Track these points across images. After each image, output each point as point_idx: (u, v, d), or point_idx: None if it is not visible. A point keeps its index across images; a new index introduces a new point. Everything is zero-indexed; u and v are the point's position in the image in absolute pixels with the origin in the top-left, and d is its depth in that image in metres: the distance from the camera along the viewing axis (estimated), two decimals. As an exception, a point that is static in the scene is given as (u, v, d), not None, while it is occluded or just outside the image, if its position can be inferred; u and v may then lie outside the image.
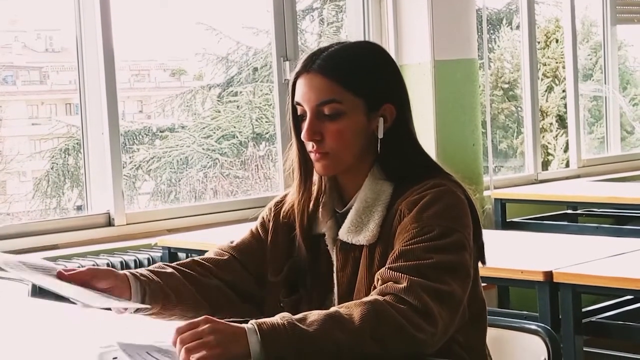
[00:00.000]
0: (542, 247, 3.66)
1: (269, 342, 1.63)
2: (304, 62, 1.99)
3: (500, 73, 6.59)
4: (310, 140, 1.97)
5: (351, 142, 1.97)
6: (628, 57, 7.59)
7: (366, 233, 1.94)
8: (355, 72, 1.97)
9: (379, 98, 1.98)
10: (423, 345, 1.74)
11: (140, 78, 5.36)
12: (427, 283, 1.77)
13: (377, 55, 2.04)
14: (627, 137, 7.31)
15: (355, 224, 1.96)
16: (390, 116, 1.99)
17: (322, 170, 2.00)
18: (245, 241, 2.15)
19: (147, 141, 4.93)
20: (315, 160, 1.99)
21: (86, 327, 2.34)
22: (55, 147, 4.63)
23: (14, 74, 4.83)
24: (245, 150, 5.10)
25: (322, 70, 1.96)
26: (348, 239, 1.97)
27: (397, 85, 2.03)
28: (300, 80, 1.99)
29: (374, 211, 1.96)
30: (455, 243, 1.86)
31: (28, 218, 4.41)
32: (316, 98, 1.95)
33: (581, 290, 3.10)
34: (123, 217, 4.31)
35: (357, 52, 2.01)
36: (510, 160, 6.51)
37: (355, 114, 1.96)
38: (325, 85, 1.95)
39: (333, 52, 1.99)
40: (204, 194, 4.95)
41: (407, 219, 1.89)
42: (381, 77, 2.01)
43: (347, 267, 1.97)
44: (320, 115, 1.96)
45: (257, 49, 5.23)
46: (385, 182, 1.98)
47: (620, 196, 5.14)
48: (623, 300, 3.45)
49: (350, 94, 1.95)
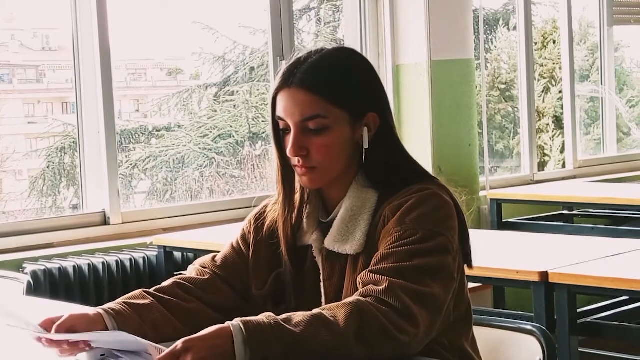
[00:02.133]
0: (537, 248, 3.66)
1: (255, 341, 1.63)
2: (283, 76, 1.95)
3: (497, 74, 6.59)
4: (297, 156, 1.94)
5: (338, 154, 1.95)
6: (625, 58, 7.60)
7: (353, 242, 1.93)
8: (338, 85, 1.94)
9: (362, 108, 1.96)
10: (406, 347, 1.74)
11: (136, 77, 5.35)
12: (407, 284, 1.77)
13: (357, 64, 2.00)
14: (623, 138, 7.32)
15: (341, 232, 1.94)
16: (374, 125, 1.97)
17: (309, 184, 1.97)
18: (227, 256, 2.10)
19: (143, 140, 4.93)
20: (301, 174, 1.96)
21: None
22: (52, 146, 4.63)
23: (10, 72, 4.83)
24: (242, 150, 5.10)
25: (303, 85, 1.92)
26: (335, 248, 1.95)
27: (378, 94, 2.01)
28: (281, 94, 1.94)
29: (359, 220, 1.94)
30: (437, 246, 1.84)
31: (24, 217, 4.40)
32: (300, 113, 1.92)
33: (576, 290, 3.10)
34: (119, 215, 4.31)
35: (338, 62, 1.97)
36: (507, 161, 6.51)
37: (340, 127, 1.93)
38: (308, 100, 1.91)
39: (312, 64, 1.94)
40: (200, 193, 4.95)
41: (390, 223, 1.88)
42: (363, 87, 1.98)
43: (334, 276, 1.95)
44: (305, 131, 1.92)
45: (254, 48, 5.23)
46: (370, 189, 1.97)
47: (616, 197, 5.15)
48: (618, 300, 3.44)
49: (334, 107, 1.92)
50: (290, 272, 2.01)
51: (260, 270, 2.05)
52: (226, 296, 2.04)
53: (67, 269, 3.84)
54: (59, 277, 3.81)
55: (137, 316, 1.90)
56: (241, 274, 2.07)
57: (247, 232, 2.11)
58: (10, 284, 3.09)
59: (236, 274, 2.07)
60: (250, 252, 2.08)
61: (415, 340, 1.75)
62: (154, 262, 4.08)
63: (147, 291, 2.00)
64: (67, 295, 3.73)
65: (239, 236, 2.12)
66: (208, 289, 2.03)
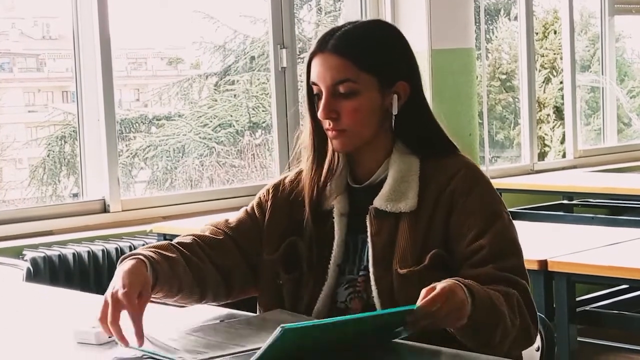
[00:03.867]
0: (537, 237, 3.66)
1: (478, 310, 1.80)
2: (318, 42, 2.04)
3: (497, 64, 6.59)
4: (327, 119, 2.02)
5: (366, 119, 2.02)
6: (626, 48, 7.59)
7: (407, 201, 2.00)
8: (369, 51, 2.02)
9: (392, 76, 2.03)
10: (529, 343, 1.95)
11: (137, 66, 5.35)
12: (526, 285, 1.95)
13: (390, 33, 2.09)
14: (624, 129, 7.31)
15: (395, 192, 2.01)
16: (404, 93, 2.04)
17: (340, 147, 2.04)
18: (240, 220, 2.15)
19: (143, 129, 4.93)
20: (332, 137, 2.04)
21: (80, 310, 2.34)
22: (52, 135, 4.63)
23: (10, 61, 4.83)
24: (242, 139, 5.10)
25: (336, 50, 2.00)
26: (386, 207, 2.01)
27: (410, 63, 2.08)
28: (315, 60, 2.03)
29: (410, 181, 2.02)
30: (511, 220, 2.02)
31: (24, 205, 4.40)
32: (331, 77, 2.00)
33: (576, 279, 3.10)
34: (118, 203, 4.31)
35: (370, 31, 2.07)
36: (507, 151, 6.51)
37: (369, 92, 2.01)
38: (339, 65, 2.00)
39: (346, 32, 2.03)
40: (200, 182, 4.95)
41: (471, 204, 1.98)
42: (394, 55, 2.05)
43: (383, 234, 2.01)
44: (336, 94, 2.00)
45: (254, 37, 5.22)
46: (412, 155, 2.05)
47: (616, 187, 5.15)
48: (618, 289, 3.45)
49: (364, 73, 2.00)
50: (310, 236, 2.07)
51: (274, 236, 2.10)
52: (233, 259, 2.10)
53: (67, 256, 3.84)
54: (58, 264, 3.81)
55: (169, 269, 1.97)
56: (252, 239, 2.12)
57: (263, 200, 2.16)
58: (10, 271, 3.10)
59: (247, 237, 2.12)
60: (265, 217, 2.13)
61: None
62: (154, 250, 4.07)
63: (173, 244, 2.06)
64: (66, 282, 3.73)
65: (254, 203, 2.17)
66: (220, 250, 2.09)
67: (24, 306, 2.48)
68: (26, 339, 2.05)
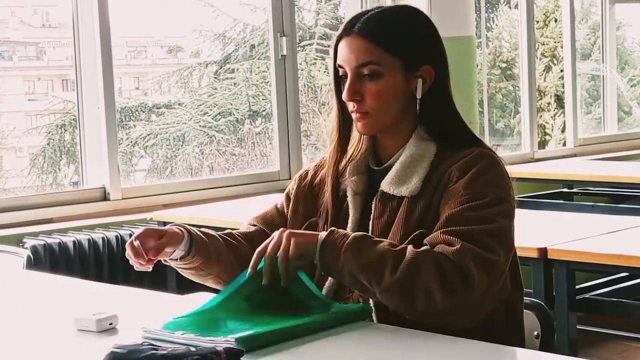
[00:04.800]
0: (537, 225, 3.66)
1: (329, 248, 1.88)
2: (345, 25, 2.07)
3: (498, 52, 6.58)
4: (351, 100, 2.04)
5: (390, 102, 2.03)
6: (627, 37, 7.58)
7: (409, 185, 2.01)
8: (394, 34, 2.03)
9: (417, 60, 2.04)
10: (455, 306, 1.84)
11: (136, 54, 5.34)
12: (477, 250, 1.86)
13: (417, 18, 2.10)
14: (624, 117, 7.31)
15: (399, 176, 2.03)
16: (429, 78, 2.05)
17: (363, 129, 2.07)
18: (270, 212, 2.23)
19: (143, 117, 4.92)
20: (356, 119, 2.06)
21: (81, 297, 2.35)
22: (52, 123, 4.63)
23: (10, 49, 4.82)
24: (242, 128, 5.10)
25: (361, 33, 2.03)
26: (390, 190, 2.03)
27: (436, 48, 2.09)
28: (341, 43, 2.06)
29: (418, 167, 2.02)
30: (505, 211, 1.95)
31: (24, 194, 4.40)
32: (356, 59, 2.03)
33: (575, 267, 3.10)
34: (118, 191, 4.31)
35: (397, 15, 2.08)
36: (507, 140, 6.51)
37: (393, 75, 2.03)
38: (364, 47, 2.02)
39: (373, 15, 2.06)
40: (200, 171, 4.95)
41: (459, 184, 1.95)
42: (420, 39, 2.06)
43: (384, 216, 2.03)
44: (360, 76, 2.03)
45: (255, 25, 5.21)
46: (430, 142, 2.05)
47: (616, 175, 5.14)
48: (617, 277, 3.45)
49: (388, 56, 2.02)
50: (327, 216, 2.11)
51: (297, 219, 2.17)
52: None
53: (67, 244, 3.84)
54: (58, 251, 3.81)
55: (205, 238, 2.08)
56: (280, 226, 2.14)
57: (290, 190, 2.23)
58: (10, 259, 3.10)
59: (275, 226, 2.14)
60: (290, 207, 2.20)
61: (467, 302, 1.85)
62: (154, 238, 4.07)
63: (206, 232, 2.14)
64: (67, 270, 3.73)
65: (284, 197, 2.24)
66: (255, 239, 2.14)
67: (25, 294, 2.48)
68: (27, 326, 2.05)
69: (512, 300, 2.02)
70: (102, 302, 2.15)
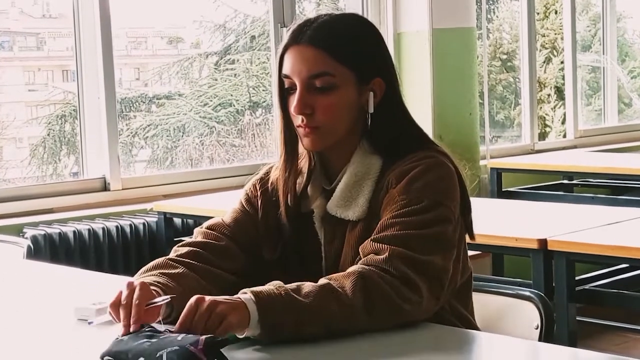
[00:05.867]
0: (537, 216, 3.67)
1: (267, 310, 1.65)
2: (292, 33, 1.93)
3: (498, 43, 6.57)
4: (301, 114, 1.91)
5: (342, 116, 1.92)
6: (627, 29, 7.57)
7: (355, 208, 1.91)
8: (347, 44, 1.93)
9: (369, 72, 1.94)
10: (409, 315, 1.76)
11: (137, 45, 5.34)
12: (407, 253, 1.78)
13: (367, 28, 1.99)
14: (624, 109, 7.30)
15: (344, 198, 1.93)
16: (379, 90, 1.95)
17: (311, 146, 1.94)
18: (236, 220, 2.05)
19: (143, 108, 4.92)
20: (303, 135, 1.93)
21: (81, 287, 2.35)
22: (52, 114, 4.63)
23: (10, 39, 4.82)
24: (242, 119, 5.09)
25: (313, 42, 1.91)
26: (337, 213, 1.93)
27: (385, 60, 1.99)
28: (289, 52, 1.93)
29: (363, 185, 1.92)
30: (440, 216, 1.84)
31: (24, 184, 4.40)
32: (307, 70, 1.90)
33: (575, 258, 3.10)
34: (119, 182, 4.32)
35: (347, 24, 1.97)
36: (507, 131, 6.50)
37: (346, 87, 1.92)
38: (317, 57, 1.90)
39: (323, 23, 1.93)
40: (200, 162, 4.95)
41: (394, 190, 1.87)
42: (372, 50, 1.97)
43: (334, 241, 1.95)
44: (311, 89, 1.90)
45: (255, 16, 5.21)
46: (374, 155, 1.95)
47: (616, 167, 5.14)
48: (617, 268, 3.45)
49: (342, 66, 1.91)
50: (290, 237, 2.00)
51: (270, 235, 2.03)
52: (240, 261, 2.01)
53: (67, 234, 3.85)
54: (59, 241, 3.82)
55: (178, 286, 1.85)
56: (252, 237, 2.04)
57: (251, 196, 2.07)
58: (10, 248, 3.11)
59: (248, 237, 2.03)
60: (259, 215, 2.04)
61: (419, 308, 1.77)
62: (154, 227, 4.09)
63: (172, 259, 1.95)
64: (67, 260, 3.74)
65: (243, 200, 2.08)
66: (226, 256, 1.99)
67: (25, 284, 2.49)
68: (27, 316, 2.06)
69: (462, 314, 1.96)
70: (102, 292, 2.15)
